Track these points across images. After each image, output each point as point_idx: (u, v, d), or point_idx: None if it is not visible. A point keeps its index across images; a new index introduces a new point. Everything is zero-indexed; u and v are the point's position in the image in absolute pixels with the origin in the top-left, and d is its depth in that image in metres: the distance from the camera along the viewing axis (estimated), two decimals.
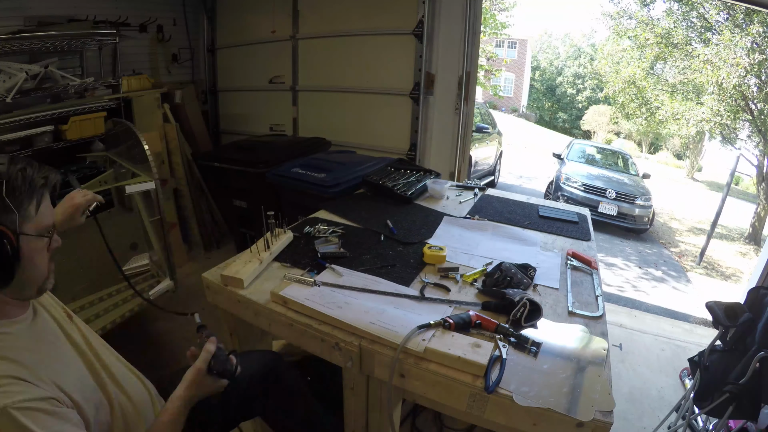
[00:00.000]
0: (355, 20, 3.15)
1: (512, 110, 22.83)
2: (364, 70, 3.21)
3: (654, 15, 9.00)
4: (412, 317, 1.07)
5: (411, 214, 1.89)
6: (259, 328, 1.21)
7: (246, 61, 3.87)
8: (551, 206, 2.13)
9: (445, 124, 2.97)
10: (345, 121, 3.40)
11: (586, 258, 1.50)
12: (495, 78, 12.58)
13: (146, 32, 3.42)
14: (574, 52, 24.17)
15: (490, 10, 10.14)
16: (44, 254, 0.78)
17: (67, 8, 2.80)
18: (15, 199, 0.71)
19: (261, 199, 2.51)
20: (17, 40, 2.31)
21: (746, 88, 7.34)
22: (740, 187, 14.03)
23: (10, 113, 2.25)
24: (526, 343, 1.01)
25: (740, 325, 1.53)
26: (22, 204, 0.73)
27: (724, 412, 1.43)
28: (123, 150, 2.41)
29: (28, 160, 0.76)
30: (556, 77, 24.21)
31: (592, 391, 0.89)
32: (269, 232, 1.41)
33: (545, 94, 24.63)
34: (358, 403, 1.11)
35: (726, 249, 7.16)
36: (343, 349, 1.02)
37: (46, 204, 0.78)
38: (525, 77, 23.74)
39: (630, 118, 11.31)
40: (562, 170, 7.15)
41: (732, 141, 8.43)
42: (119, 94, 2.85)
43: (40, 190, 0.76)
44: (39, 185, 0.76)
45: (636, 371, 2.38)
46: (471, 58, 2.83)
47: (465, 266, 1.40)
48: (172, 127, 3.25)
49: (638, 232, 6.78)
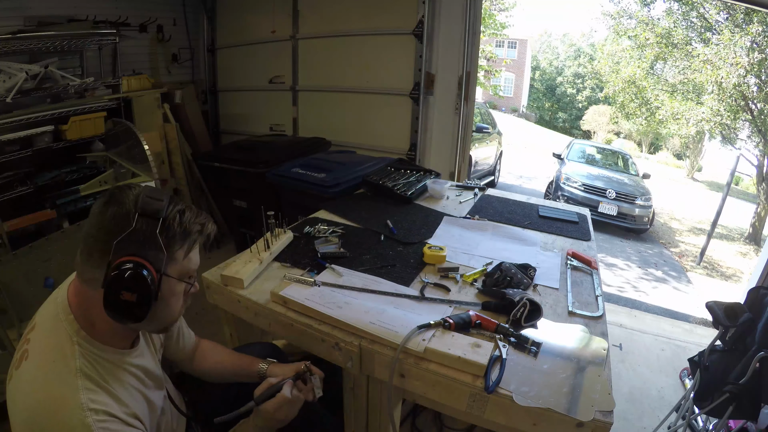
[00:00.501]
0: (355, 20, 3.15)
1: (512, 110, 22.83)
2: (364, 70, 3.21)
3: (654, 15, 9.02)
4: (412, 317, 1.07)
5: (411, 214, 1.89)
6: (259, 328, 1.21)
7: (246, 61, 3.87)
8: (551, 206, 2.13)
9: (445, 124, 2.97)
10: (345, 121, 3.40)
11: (586, 258, 1.50)
12: (495, 78, 12.58)
13: (146, 32, 3.42)
14: (574, 52, 24.18)
15: (489, 10, 10.14)
16: (180, 298, 0.79)
17: (67, 8, 2.80)
18: (167, 239, 0.72)
19: (261, 199, 2.51)
20: (17, 40, 2.31)
21: (746, 88, 7.34)
22: (740, 187, 14.04)
23: (10, 113, 2.25)
24: (526, 343, 1.01)
25: (740, 325, 1.53)
26: (173, 246, 0.74)
27: (724, 412, 1.43)
28: (123, 150, 2.41)
29: (189, 205, 0.78)
30: (556, 77, 24.21)
31: (592, 391, 0.89)
32: (269, 232, 1.41)
33: (545, 94, 24.64)
34: (358, 403, 1.11)
35: (726, 249, 7.16)
36: (343, 349, 1.02)
37: (195, 251, 0.79)
38: (525, 77, 23.74)
39: (630, 118, 11.31)
40: (562, 170, 7.15)
41: (732, 141, 8.43)
42: (119, 94, 2.85)
43: (193, 237, 0.77)
44: (194, 231, 0.76)
45: (636, 371, 2.38)
46: (471, 58, 2.83)
47: (465, 266, 1.40)
48: (172, 127, 3.25)
49: (638, 232, 6.78)
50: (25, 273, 1.90)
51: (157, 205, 0.72)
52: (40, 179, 2.51)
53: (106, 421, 0.68)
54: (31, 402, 0.68)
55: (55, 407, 0.66)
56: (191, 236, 0.76)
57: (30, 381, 0.70)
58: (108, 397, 0.71)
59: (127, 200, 0.71)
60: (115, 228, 0.69)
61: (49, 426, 0.66)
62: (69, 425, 0.65)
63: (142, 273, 0.69)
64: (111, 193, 0.73)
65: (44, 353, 0.71)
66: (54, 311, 0.75)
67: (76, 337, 0.72)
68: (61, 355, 0.70)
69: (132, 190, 0.74)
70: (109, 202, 0.71)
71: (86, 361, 0.71)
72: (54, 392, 0.67)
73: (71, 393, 0.67)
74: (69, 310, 0.74)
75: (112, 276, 0.67)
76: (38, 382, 0.69)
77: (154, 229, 0.71)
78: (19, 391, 0.70)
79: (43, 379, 0.69)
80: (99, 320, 0.73)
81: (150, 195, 0.73)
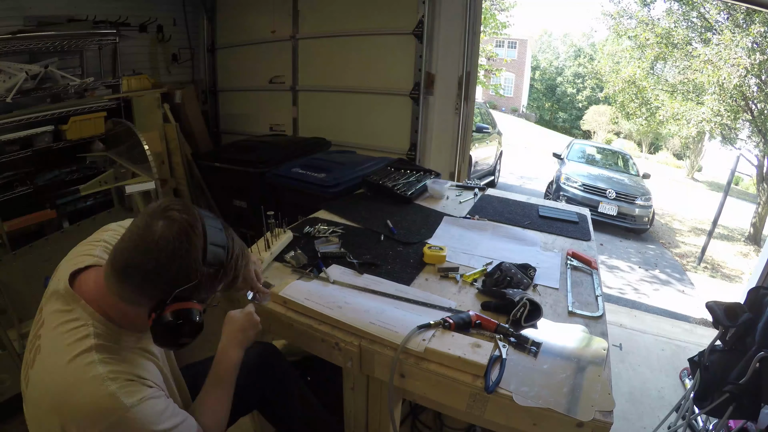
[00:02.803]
0: (355, 20, 3.15)
1: (512, 110, 22.83)
2: (364, 70, 3.21)
3: (654, 15, 9.01)
4: (412, 317, 1.07)
5: (411, 214, 1.89)
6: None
7: (246, 61, 3.87)
8: (551, 206, 2.13)
9: (445, 124, 2.97)
10: (345, 121, 3.40)
11: (586, 258, 1.50)
12: (495, 78, 12.58)
13: (146, 32, 3.42)
14: (574, 52, 24.17)
15: (490, 10, 10.14)
16: None
17: (67, 8, 2.80)
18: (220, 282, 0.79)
19: (261, 199, 2.51)
20: (17, 40, 2.31)
21: (746, 88, 7.34)
22: (740, 187, 14.03)
23: (10, 113, 2.25)
24: (526, 343, 1.01)
25: (740, 325, 1.53)
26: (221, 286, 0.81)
27: (724, 412, 1.43)
28: (123, 150, 2.41)
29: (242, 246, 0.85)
30: (556, 77, 24.21)
31: (592, 391, 0.89)
32: (269, 232, 1.41)
33: (545, 94, 24.64)
34: (358, 403, 1.11)
35: (727, 249, 7.16)
36: (343, 349, 1.02)
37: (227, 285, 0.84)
38: (525, 77, 23.74)
39: (630, 118, 11.31)
40: (562, 170, 7.15)
41: (732, 141, 8.43)
42: (119, 94, 2.85)
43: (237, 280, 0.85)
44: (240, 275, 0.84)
45: (636, 371, 2.38)
46: (471, 58, 2.83)
47: (465, 266, 1.40)
48: (172, 127, 3.24)
49: (638, 232, 6.78)
50: (25, 273, 1.90)
51: (222, 256, 0.77)
52: (40, 179, 2.51)
53: (128, 385, 0.71)
54: (54, 387, 0.71)
55: (77, 385, 0.69)
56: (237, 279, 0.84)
57: (49, 369, 0.72)
58: (125, 366, 0.74)
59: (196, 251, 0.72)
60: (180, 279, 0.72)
61: (76, 404, 0.69)
62: (94, 399, 0.68)
63: (197, 320, 0.75)
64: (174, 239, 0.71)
65: (59, 340, 0.73)
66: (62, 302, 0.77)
67: (91, 320, 0.74)
68: (76, 337, 0.72)
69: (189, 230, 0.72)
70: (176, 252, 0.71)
71: (101, 339, 0.73)
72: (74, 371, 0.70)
73: (90, 368, 0.70)
74: (79, 297, 0.76)
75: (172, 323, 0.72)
76: (57, 366, 0.71)
77: (215, 278, 0.77)
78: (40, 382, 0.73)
79: (62, 363, 0.71)
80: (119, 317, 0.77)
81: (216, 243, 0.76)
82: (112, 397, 0.69)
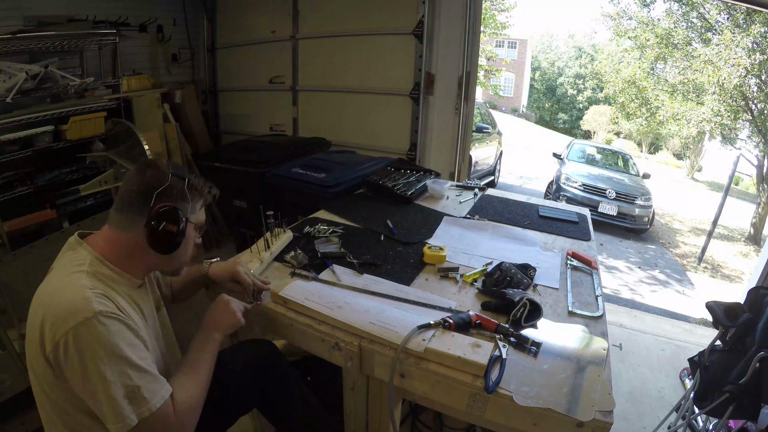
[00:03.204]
0: (355, 20, 3.15)
1: (512, 110, 22.83)
2: (364, 70, 3.21)
3: (654, 15, 9.01)
4: (412, 317, 1.07)
5: (411, 214, 1.89)
6: (259, 327, 1.21)
7: (246, 61, 3.87)
8: (551, 206, 2.13)
9: (445, 124, 2.97)
10: (345, 121, 3.40)
11: (586, 258, 1.50)
12: (495, 78, 12.58)
13: (146, 32, 3.42)
14: (574, 53, 24.17)
15: (490, 10, 10.14)
16: (192, 244, 0.99)
17: (67, 8, 2.80)
18: (191, 194, 0.95)
19: (261, 199, 2.51)
20: (17, 40, 2.31)
21: (747, 88, 7.33)
22: (740, 187, 14.03)
23: (10, 113, 2.25)
24: (526, 343, 1.01)
25: (740, 325, 1.53)
26: (193, 200, 0.96)
27: (724, 412, 1.43)
28: (123, 150, 2.41)
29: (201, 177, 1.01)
30: (557, 77, 24.21)
31: (592, 391, 0.89)
32: (269, 232, 1.41)
33: (545, 94, 24.64)
34: (358, 403, 1.11)
35: (727, 250, 7.16)
36: (343, 349, 1.02)
37: (203, 210, 1.01)
38: (525, 77, 23.74)
39: (630, 118, 11.31)
40: (562, 170, 7.15)
41: (732, 141, 8.42)
42: (119, 94, 2.85)
43: (205, 195, 1.00)
44: (205, 191, 1.00)
45: (636, 371, 2.38)
46: (471, 58, 2.83)
47: (465, 266, 1.40)
48: (172, 127, 3.25)
49: (638, 232, 6.78)
50: (25, 273, 1.89)
51: (184, 170, 0.96)
52: (40, 179, 2.51)
53: (102, 298, 0.81)
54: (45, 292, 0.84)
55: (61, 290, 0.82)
56: (203, 194, 0.99)
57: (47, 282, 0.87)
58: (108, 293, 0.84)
59: (162, 165, 0.94)
60: (156, 183, 0.89)
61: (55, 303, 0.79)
62: (70, 299, 0.79)
63: (178, 212, 0.91)
64: (146, 162, 1.00)
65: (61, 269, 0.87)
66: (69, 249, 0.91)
67: (90, 257, 0.88)
68: (75, 264, 0.86)
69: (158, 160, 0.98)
70: (148, 166, 0.93)
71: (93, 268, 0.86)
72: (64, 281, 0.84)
73: (77, 280, 0.82)
74: (83, 242, 0.91)
75: (159, 213, 0.88)
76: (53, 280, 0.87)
77: (183, 185, 0.93)
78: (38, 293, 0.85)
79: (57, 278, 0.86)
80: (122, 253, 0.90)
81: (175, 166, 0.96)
82: (84, 300, 0.78)
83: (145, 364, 0.81)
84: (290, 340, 1.18)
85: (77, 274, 0.84)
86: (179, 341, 1.13)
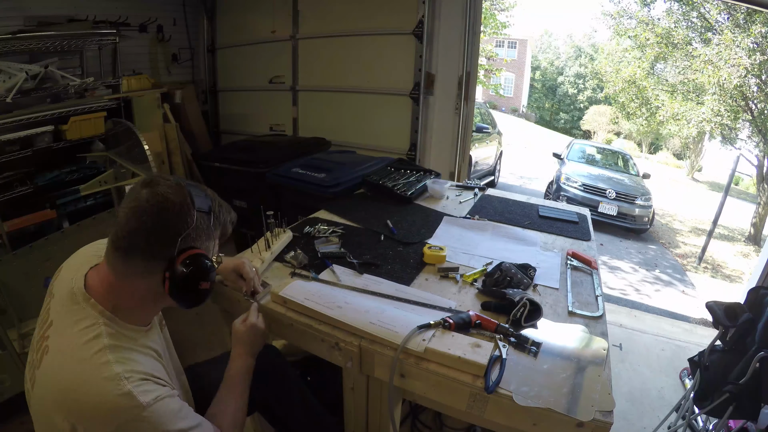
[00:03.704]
0: (355, 20, 3.15)
1: (512, 110, 22.83)
2: (364, 70, 3.21)
3: (654, 15, 9.01)
4: (412, 317, 1.07)
5: (411, 214, 1.89)
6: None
7: (246, 61, 3.87)
8: (551, 206, 2.13)
9: (445, 124, 2.97)
10: (345, 121, 3.40)
11: (586, 258, 1.50)
12: (495, 78, 12.58)
13: (146, 32, 3.42)
14: (574, 52, 24.17)
15: (490, 10, 10.14)
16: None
17: (67, 8, 2.80)
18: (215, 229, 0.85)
19: (261, 199, 2.51)
20: (17, 40, 2.31)
21: (747, 89, 7.33)
22: (740, 187, 14.03)
23: (10, 113, 2.25)
24: (526, 343, 1.01)
25: (740, 325, 1.53)
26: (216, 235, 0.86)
27: (724, 412, 1.43)
28: (123, 150, 2.41)
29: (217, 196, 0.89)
30: (557, 77, 24.21)
31: (592, 391, 0.89)
32: (269, 232, 1.41)
33: (546, 94, 24.64)
34: (358, 403, 1.11)
35: (728, 250, 7.16)
36: (343, 349, 1.02)
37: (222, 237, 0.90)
38: (525, 77, 23.74)
39: (630, 118, 11.32)
40: (562, 170, 7.15)
41: (732, 141, 8.42)
42: (119, 94, 2.85)
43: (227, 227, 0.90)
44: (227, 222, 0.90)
45: (636, 371, 2.38)
46: (471, 58, 2.83)
47: (465, 266, 1.40)
48: (172, 127, 3.25)
49: (638, 232, 6.78)
50: (25, 273, 1.90)
51: (208, 201, 0.83)
52: (40, 179, 2.51)
53: (142, 384, 0.72)
54: (65, 386, 0.70)
55: (90, 383, 0.69)
56: (226, 226, 0.90)
57: (58, 367, 0.72)
58: (138, 365, 0.74)
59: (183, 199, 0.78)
60: (178, 226, 0.76)
61: (87, 403, 0.69)
62: (109, 398, 0.68)
63: (207, 264, 0.79)
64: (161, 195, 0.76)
65: (69, 340, 0.74)
66: (71, 300, 0.78)
67: (102, 318, 0.75)
68: (88, 338, 0.73)
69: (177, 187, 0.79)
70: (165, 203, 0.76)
71: (112, 338, 0.74)
72: (87, 369, 0.70)
73: (105, 368, 0.70)
74: (88, 296, 0.77)
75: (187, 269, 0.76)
76: (67, 365, 0.71)
77: (209, 223, 0.82)
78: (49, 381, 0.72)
79: (73, 361, 0.71)
80: (125, 303, 0.78)
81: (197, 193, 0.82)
82: (128, 396, 0.69)
83: (190, 422, 0.78)
84: (290, 340, 1.18)
85: (99, 355, 0.71)
86: (180, 341, 1.12)
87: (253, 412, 1.24)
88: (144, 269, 0.76)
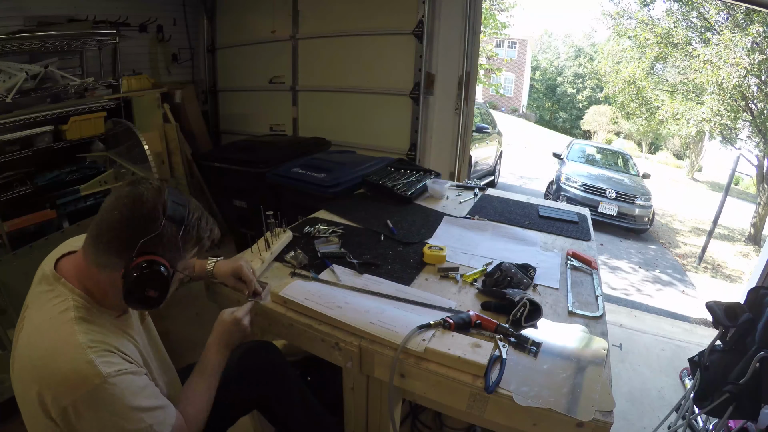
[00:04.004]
0: (355, 20, 3.15)
1: (512, 110, 22.83)
2: (364, 70, 3.21)
3: (654, 15, 9.02)
4: (412, 317, 1.07)
5: (411, 214, 1.89)
6: (259, 327, 1.21)
7: (246, 61, 3.87)
8: (551, 206, 2.13)
9: (445, 124, 2.97)
10: (345, 121, 3.40)
11: (586, 258, 1.50)
12: (495, 77, 12.59)
13: (146, 32, 3.42)
14: (574, 52, 24.17)
15: (490, 10, 10.14)
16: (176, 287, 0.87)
17: (67, 8, 2.80)
18: (185, 243, 0.82)
19: (261, 199, 2.51)
20: (17, 40, 2.31)
21: (746, 88, 7.34)
22: (740, 187, 14.03)
23: (10, 113, 2.25)
24: (526, 343, 1.01)
25: (740, 325, 1.53)
26: (187, 248, 0.84)
27: (724, 412, 1.43)
28: (123, 150, 2.41)
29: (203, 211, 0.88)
30: (557, 77, 24.21)
31: (592, 391, 0.89)
32: (269, 232, 1.41)
33: (545, 94, 24.64)
34: (358, 403, 1.11)
35: (728, 250, 7.16)
36: (343, 349, 1.02)
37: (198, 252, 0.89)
38: (525, 77, 23.74)
39: (630, 118, 11.32)
40: (562, 170, 7.15)
41: (732, 141, 8.42)
42: (119, 94, 2.85)
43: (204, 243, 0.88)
44: (205, 238, 0.87)
45: (636, 371, 2.38)
46: (471, 58, 2.83)
47: (465, 266, 1.40)
48: (172, 127, 3.25)
49: (638, 232, 6.78)
50: (25, 273, 1.89)
51: (183, 212, 0.81)
52: (40, 179, 2.51)
53: (106, 355, 0.74)
54: (35, 355, 0.74)
55: (57, 352, 0.72)
56: (202, 242, 0.87)
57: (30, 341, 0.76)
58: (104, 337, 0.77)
59: (156, 203, 0.78)
60: (143, 228, 0.77)
61: (54, 370, 0.71)
62: (72, 366, 0.71)
63: (162, 272, 0.78)
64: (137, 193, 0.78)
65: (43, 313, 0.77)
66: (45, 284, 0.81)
67: (72, 295, 0.78)
68: (58, 311, 0.76)
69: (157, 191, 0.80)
70: (137, 202, 0.77)
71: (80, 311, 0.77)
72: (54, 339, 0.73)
73: (70, 337, 0.73)
74: (60, 277, 0.80)
75: (138, 274, 0.76)
76: (38, 336, 0.75)
77: (177, 234, 0.80)
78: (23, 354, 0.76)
79: (43, 333, 0.75)
80: (94, 288, 0.80)
81: (176, 200, 0.82)
82: (89, 364, 0.71)
83: (153, 402, 0.79)
84: (290, 340, 1.18)
85: (66, 326, 0.74)
86: (180, 341, 1.13)
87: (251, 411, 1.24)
88: (107, 261, 0.78)
